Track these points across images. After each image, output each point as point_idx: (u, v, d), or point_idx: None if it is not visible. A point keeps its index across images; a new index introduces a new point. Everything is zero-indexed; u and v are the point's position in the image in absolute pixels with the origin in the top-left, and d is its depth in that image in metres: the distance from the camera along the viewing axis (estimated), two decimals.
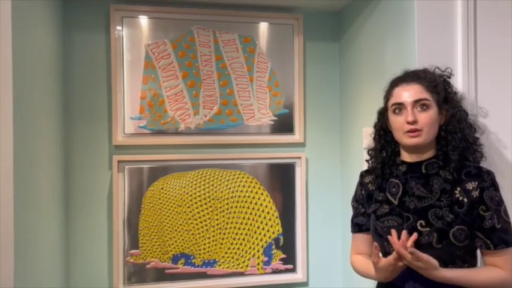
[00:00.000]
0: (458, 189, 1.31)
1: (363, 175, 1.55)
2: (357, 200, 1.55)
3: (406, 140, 1.34)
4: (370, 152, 1.52)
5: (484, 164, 1.41)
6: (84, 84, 2.10)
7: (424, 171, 1.37)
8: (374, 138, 1.51)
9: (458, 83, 1.59)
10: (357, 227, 1.53)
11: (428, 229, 1.29)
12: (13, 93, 1.35)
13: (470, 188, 1.29)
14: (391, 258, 1.26)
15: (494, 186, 1.30)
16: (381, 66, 1.91)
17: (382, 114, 1.47)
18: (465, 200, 1.29)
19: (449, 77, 1.47)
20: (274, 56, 2.27)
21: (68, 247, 2.07)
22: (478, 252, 1.35)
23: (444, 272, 1.24)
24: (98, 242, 2.10)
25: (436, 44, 1.62)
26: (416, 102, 1.32)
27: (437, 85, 1.36)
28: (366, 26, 2.05)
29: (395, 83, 1.40)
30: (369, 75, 2.03)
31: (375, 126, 1.51)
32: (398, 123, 1.36)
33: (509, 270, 1.27)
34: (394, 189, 1.41)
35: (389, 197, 1.41)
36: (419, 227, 1.31)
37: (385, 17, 1.87)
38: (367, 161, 1.53)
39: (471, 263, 1.32)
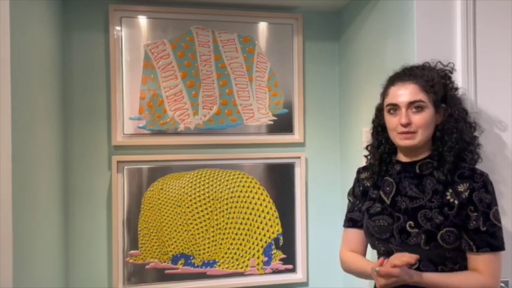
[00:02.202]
0: (450, 190, 1.29)
1: (360, 171, 1.55)
2: (354, 196, 1.55)
3: (399, 141, 1.34)
4: (368, 148, 1.52)
5: (482, 164, 1.39)
6: (83, 84, 2.09)
7: (418, 171, 1.36)
8: (372, 134, 1.51)
9: (458, 82, 1.58)
10: (351, 222, 1.51)
11: (417, 230, 1.28)
12: (11, 93, 1.35)
13: (462, 190, 1.27)
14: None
15: (486, 188, 1.27)
16: (380, 66, 1.90)
17: (380, 110, 1.46)
18: (455, 202, 1.27)
19: (451, 72, 1.44)
20: (274, 55, 2.26)
21: (68, 248, 2.07)
22: None
23: (423, 276, 1.22)
24: (97, 243, 2.10)
25: (436, 43, 1.62)
26: (410, 103, 1.30)
27: (434, 84, 1.33)
28: (366, 26, 2.05)
29: (392, 81, 1.39)
30: (369, 74, 2.03)
31: (373, 122, 1.50)
32: (392, 123, 1.35)
33: (489, 275, 1.24)
34: (388, 188, 1.40)
35: (383, 196, 1.40)
36: (408, 228, 1.30)
37: (385, 16, 1.87)
38: (366, 156, 1.53)
39: (462, 264, 1.29)
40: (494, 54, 1.64)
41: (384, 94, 1.41)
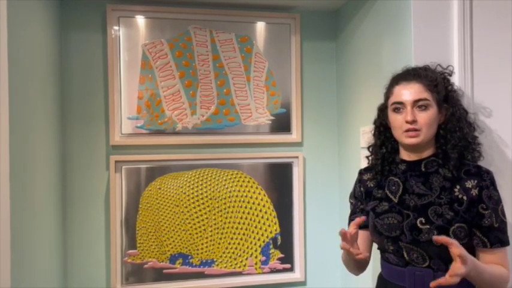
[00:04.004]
0: (458, 187, 1.31)
1: (361, 172, 1.55)
2: (355, 197, 1.55)
3: (404, 139, 1.35)
4: (370, 149, 1.52)
5: (482, 162, 1.41)
6: (81, 84, 2.09)
7: (423, 169, 1.37)
8: (374, 135, 1.51)
9: (455, 82, 1.59)
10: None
11: (428, 226, 1.29)
12: (9, 93, 1.35)
13: (470, 187, 1.30)
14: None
15: (493, 185, 1.31)
16: (377, 65, 1.91)
17: (382, 110, 1.47)
18: (464, 198, 1.29)
19: (450, 75, 1.47)
20: (272, 55, 2.27)
21: (66, 247, 2.07)
22: None
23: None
24: (95, 242, 2.10)
25: (432, 43, 1.63)
26: (416, 102, 1.32)
27: (437, 84, 1.35)
28: (363, 25, 2.05)
29: (396, 80, 1.40)
30: (366, 74, 2.03)
31: (375, 123, 1.51)
32: (397, 121, 1.36)
33: (507, 268, 1.28)
34: (394, 188, 1.41)
35: (389, 195, 1.41)
36: (419, 225, 1.31)
37: (382, 16, 1.87)
38: (367, 157, 1.53)
39: None
40: (491, 54, 1.65)
41: (388, 93, 1.42)
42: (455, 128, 1.35)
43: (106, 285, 2.10)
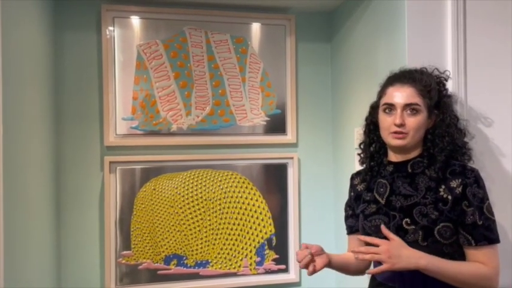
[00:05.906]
0: (443, 187, 1.32)
1: (353, 177, 1.57)
2: (347, 204, 1.59)
3: (390, 140, 1.36)
4: (361, 146, 1.54)
5: (471, 163, 1.41)
6: (76, 84, 2.09)
7: (410, 170, 1.38)
8: (364, 132, 1.52)
9: (448, 84, 1.60)
10: (349, 229, 1.56)
11: (414, 227, 1.30)
12: (2, 94, 1.34)
13: (454, 186, 1.30)
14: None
15: (478, 183, 1.30)
16: (372, 67, 1.92)
17: (374, 109, 1.48)
18: (449, 197, 1.30)
19: (447, 80, 1.48)
20: (267, 56, 2.27)
21: (60, 248, 2.06)
22: None
23: (424, 260, 1.24)
24: (89, 243, 2.09)
25: (426, 45, 1.63)
26: (406, 105, 1.33)
27: (431, 90, 1.36)
28: (358, 27, 2.06)
29: (391, 81, 1.40)
30: (360, 75, 2.04)
31: (366, 120, 1.52)
32: (386, 122, 1.37)
33: (491, 266, 1.27)
34: (381, 189, 1.42)
35: (377, 197, 1.42)
36: (404, 225, 1.32)
37: (376, 17, 1.88)
38: (359, 154, 1.54)
39: (460, 260, 1.31)
40: (485, 55, 1.66)
41: (381, 93, 1.43)
42: (444, 134, 1.36)
43: (100, 286, 2.09)
